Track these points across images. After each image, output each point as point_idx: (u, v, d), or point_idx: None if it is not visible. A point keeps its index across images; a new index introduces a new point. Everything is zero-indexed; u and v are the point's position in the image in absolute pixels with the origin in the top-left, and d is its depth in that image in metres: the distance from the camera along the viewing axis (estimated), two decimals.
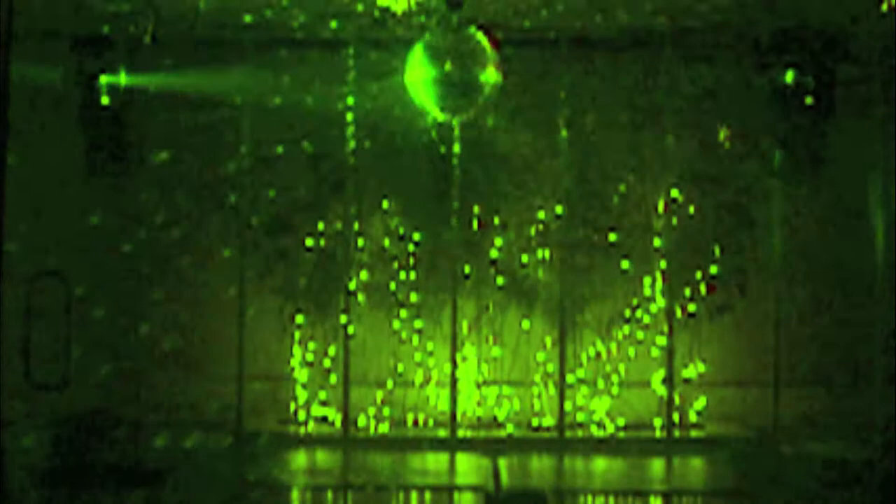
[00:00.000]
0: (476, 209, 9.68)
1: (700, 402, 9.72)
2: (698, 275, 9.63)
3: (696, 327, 9.66)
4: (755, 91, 9.02)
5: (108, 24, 8.71)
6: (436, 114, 7.76)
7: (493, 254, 9.71)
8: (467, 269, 9.68)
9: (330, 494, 8.06)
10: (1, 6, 4.09)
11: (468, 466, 8.85)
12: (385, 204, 9.74)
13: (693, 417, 9.69)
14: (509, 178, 9.69)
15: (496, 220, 9.72)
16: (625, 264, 9.66)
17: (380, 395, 9.72)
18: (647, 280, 9.70)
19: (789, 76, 8.66)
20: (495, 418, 9.74)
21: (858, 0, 8.09)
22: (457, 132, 9.47)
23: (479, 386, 9.79)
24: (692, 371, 9.71)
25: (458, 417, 9.58)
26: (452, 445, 9.36)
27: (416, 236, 9.72)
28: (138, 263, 9.30)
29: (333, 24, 9.17)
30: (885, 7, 7.57)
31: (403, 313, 9.75)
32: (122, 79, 8.63)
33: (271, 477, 8.33)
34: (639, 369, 9.70)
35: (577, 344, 9.69)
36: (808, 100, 8.51)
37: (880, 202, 9.20)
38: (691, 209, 9.62)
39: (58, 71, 8.72)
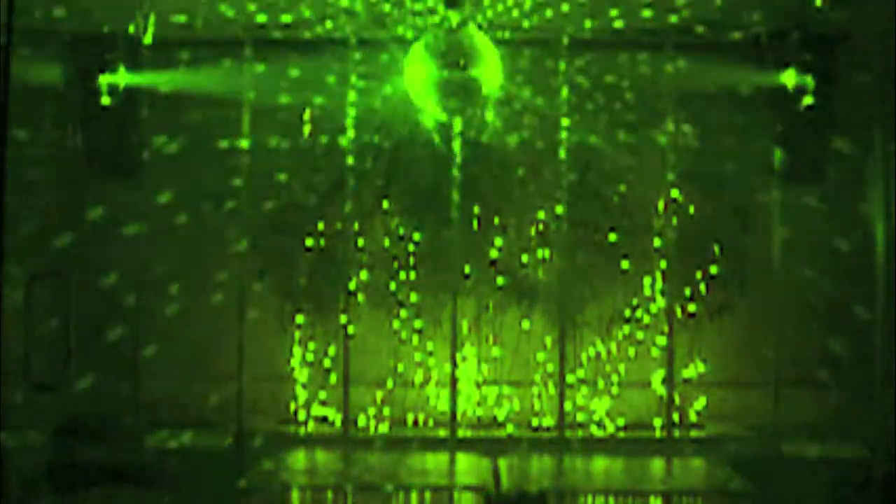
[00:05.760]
0: (476, 209, 9.68)
1: (700, 402, 9.72)
2: (698, 275, 9.63)
3: (696, 327, 9.66)
4: (755, 91, 9.02)
5: (109, 24, 8.71)
6: (436, 114, 7.77)
7: (493, 254, 9.71)
8: (467, 269, 9.68)
9: (330, 494, 8.06)
10: (1, 6, 4.08)
11: (468, 466, 8.84)
12: (385, 204, 9.74)
13: (693, 417, 9.69)
14: (509, 178, 9.69)
15: (496, 220, 9.72)
16: (625, 264, 9.66)
17: (380, 395, 9.72)
18: (647, 280, 9.70)
19: (789, 76, 8.65)
20: (495, 418, 9.73)
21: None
22: (457, 132, 9.47)
23: (479, 386, 9.79)
24: (692, 371, 9.71)
25: (458, 417, 9.58)
26: (452, 445, 9.36)
27: (416, 236, 9.72)
28: (137, 262, 9.30)
29: (331, 24, 9.17)
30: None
31: (403, 313, 9.75)
32: (122, 78, 8.62)
33: (271, 477, 8.32)
34: (639, 369, 9.71)
35: (577, 344, 9.69)
36: (809, 99, 8.50)
37: (881, 202, 9.19)
38: (691, 209, 9.62)
39: (58, 71, 8.72)
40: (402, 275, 9.73)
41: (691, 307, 9.63)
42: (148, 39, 8.77)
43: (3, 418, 5.52)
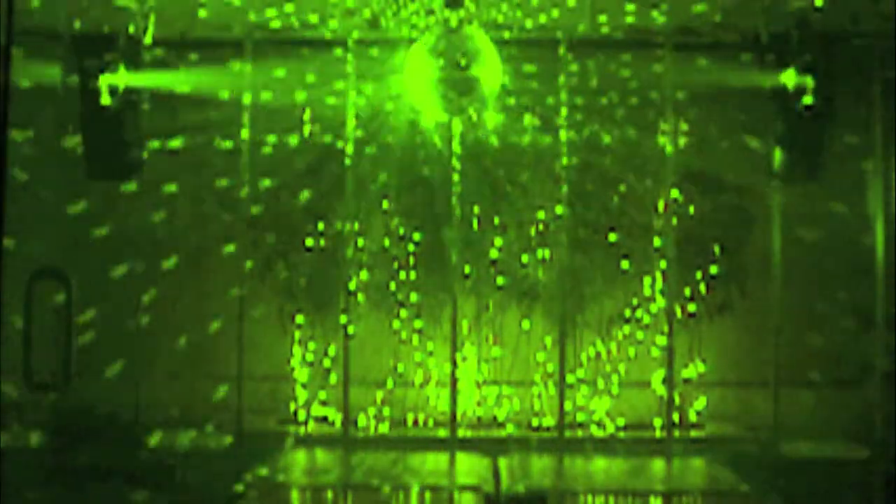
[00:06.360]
0: (476, 209, 9.68)
1: (700, 402, 9.72)
2: (698, 275, 9.63)
3: (696, 327, 9.66)
4: (755, 91, 9.02)
5: (109, 24, 8.71)
6: (436, 114, 7.78)
7: (493, 254, 9.71)
8: (467, 269, 9.68)
9: (330, 494, 8.06)
10: (1, 6, 4.08)
11: (468, 466, 8.84)
12: (385, 204, 9.74)
13: (693, 417, 9.69)
14: (509, 178, 9.69)
15: (496, 220, 9.72)
16: (625, 264, 9.66)
17: (380, 395, 9.72)
18: (647, 280, 9.70)
19: (789, 76, 8.65)
20: (495, 418, 9.74)
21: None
22: (457, 132, 9.47)
23: (479, 386, 9.79)
24: (692, 371, 9.71)
25: (458, 417, 9.57)
26: (452, 445, 9.36)
27: (416, 236, 9.73)
28: (138, 263, 9.29)
29: (333, 24, 9.17)
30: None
31: (403, 313, 9.75)
32: (122, 79, 8.62)
33: (271, 477, 8.33)
34: (639, 369, 9.71)
35: (577, 344, 9.69)
36: (808, 100, 8.49)
37: (880, 202, 9.20)
38: (691, 209, 9.62)
39: (58, 71, 8.72)
40: (402, 275, 9.74)
41: (691, 307, 9.64)
42: (148, 39, 8.77)
43: (3, 418, 5.53)
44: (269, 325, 9.67)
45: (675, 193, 9.57)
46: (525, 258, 9.72)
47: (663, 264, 9.64)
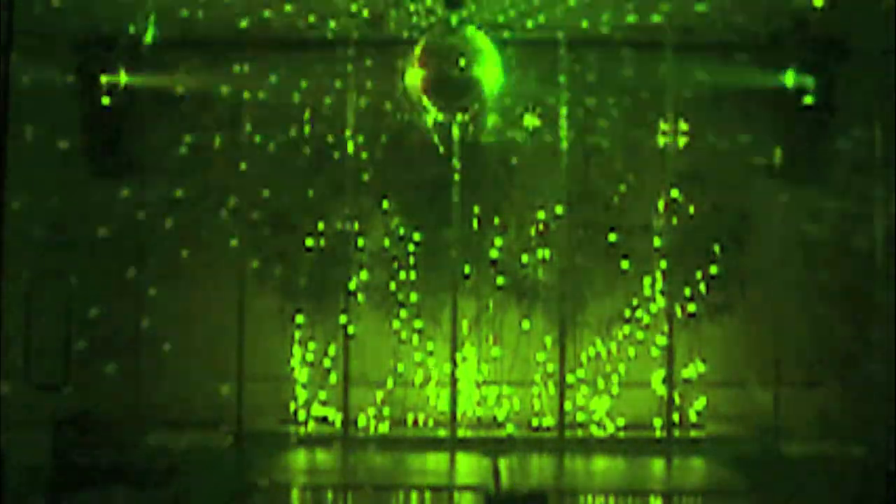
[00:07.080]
0: (476, 209, 9.68)
1: (700, 402, 9.72)
2: (698, 275, 9.63)
3: (696, 327, 9.66)
4: (755, 91, 9.02)
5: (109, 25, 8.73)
6: (436, 114, 7.78)
7: (493, 254, 9.71)
8: (467, 269, 9.68)
9: (330, 494, 8.06)
10: (1, 6, 4.09)
11: (468, 466, 8.85)
12: (385, 204, 9.74)
13: (693, 417, 9.69)
14: (509, 178, 9.70)
15: (496, 220, 9.72)
16: (625, 264, 9.66)
17: (380, 395, 9.72)
18: (647, 280, 9.70)
19: (789, 76, 8.66)
20: (495, 418, 9.74)
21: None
22: (457, 132, 9.48)
23: (479, 386, 9.79)
24: (692, 371, 9.71)
25: (458, 417, 9.58)
26: (452, 445, 9.36)
27: (416, 236, 9.73)
28: (138, 263, 9.30)
29: (333, 24, 9.18)
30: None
31: (403, 313, 9.75)
32: (122, 79, 8.63)
33: (271, 477, 8.33)
34: (639, 369, 9.70)
35: (577, 344, 9.69)
36: (808, 99, 8.50)
37: (881, 202, 9.19)
38: (691, 209, 9.62)
39: (58, 71, 8.72)
40: (402, 275, 9.73)
41: (691, 307, 9.63)
42: (148, 39, 8.78)
43: (3, 418, 5.53)
44: (269, 325, 9.66)
45: (675, 193, 9.57)
46: (525, 258, 9.72)
47: (663, 264, 9.64)
